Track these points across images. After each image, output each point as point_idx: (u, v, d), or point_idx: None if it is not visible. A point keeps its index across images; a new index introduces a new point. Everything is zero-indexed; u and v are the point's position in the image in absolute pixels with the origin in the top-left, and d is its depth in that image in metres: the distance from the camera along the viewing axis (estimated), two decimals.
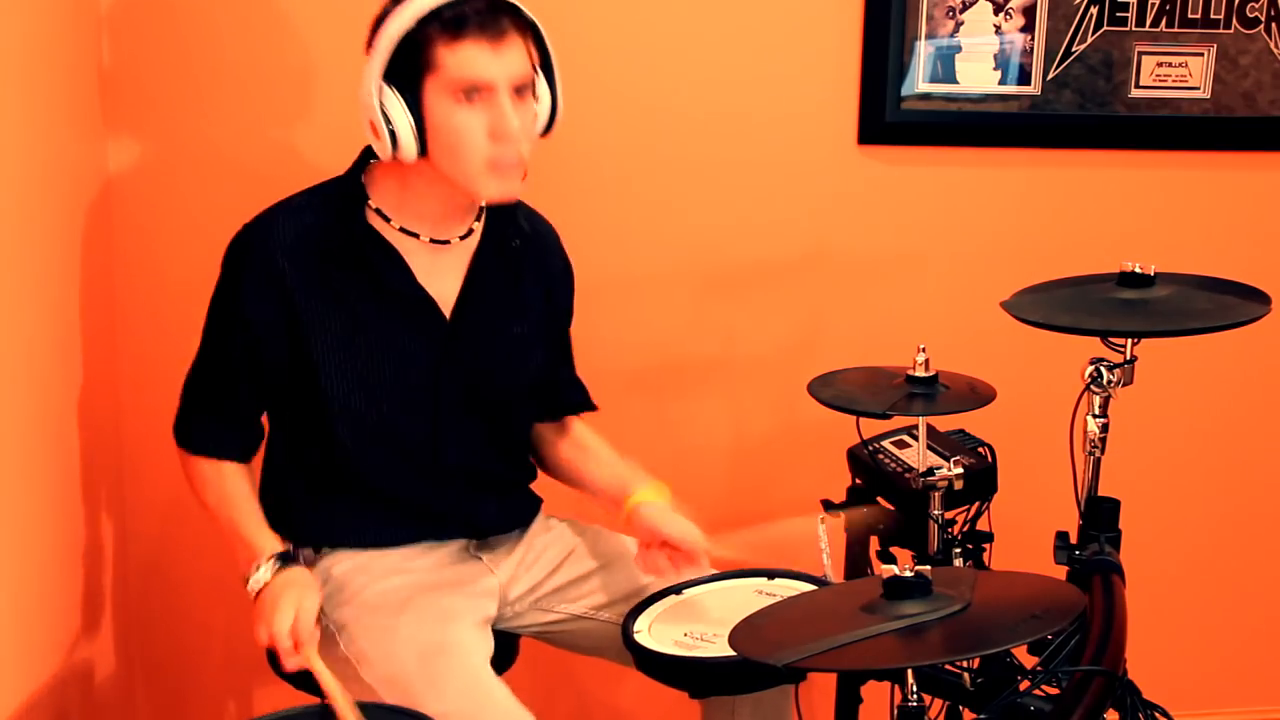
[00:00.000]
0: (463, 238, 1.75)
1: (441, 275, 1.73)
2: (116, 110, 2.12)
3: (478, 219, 1.78)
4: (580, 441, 1.94)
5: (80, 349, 1.95)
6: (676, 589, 1.75)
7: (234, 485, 1.76)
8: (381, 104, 1.59)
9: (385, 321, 1.71)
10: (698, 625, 1.65)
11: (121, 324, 2.18)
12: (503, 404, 1.82)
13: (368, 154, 1.72)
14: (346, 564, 1.76)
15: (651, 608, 1.71)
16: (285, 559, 1.66)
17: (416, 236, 1.71)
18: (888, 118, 2.29)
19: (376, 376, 1.71)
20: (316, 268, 1.68)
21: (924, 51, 2.28)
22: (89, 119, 2.07)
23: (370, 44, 1.62)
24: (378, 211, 1.71)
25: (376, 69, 1.59)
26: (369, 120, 1.61)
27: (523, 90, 1.63)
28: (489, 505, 1.84)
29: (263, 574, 1.63)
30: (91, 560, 2.05)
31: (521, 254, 1.79)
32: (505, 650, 1.83)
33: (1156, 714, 1.47)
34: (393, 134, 1.60)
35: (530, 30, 1.64)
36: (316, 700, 1.62)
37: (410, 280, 1.70)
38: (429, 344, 1.73)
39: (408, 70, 1.59)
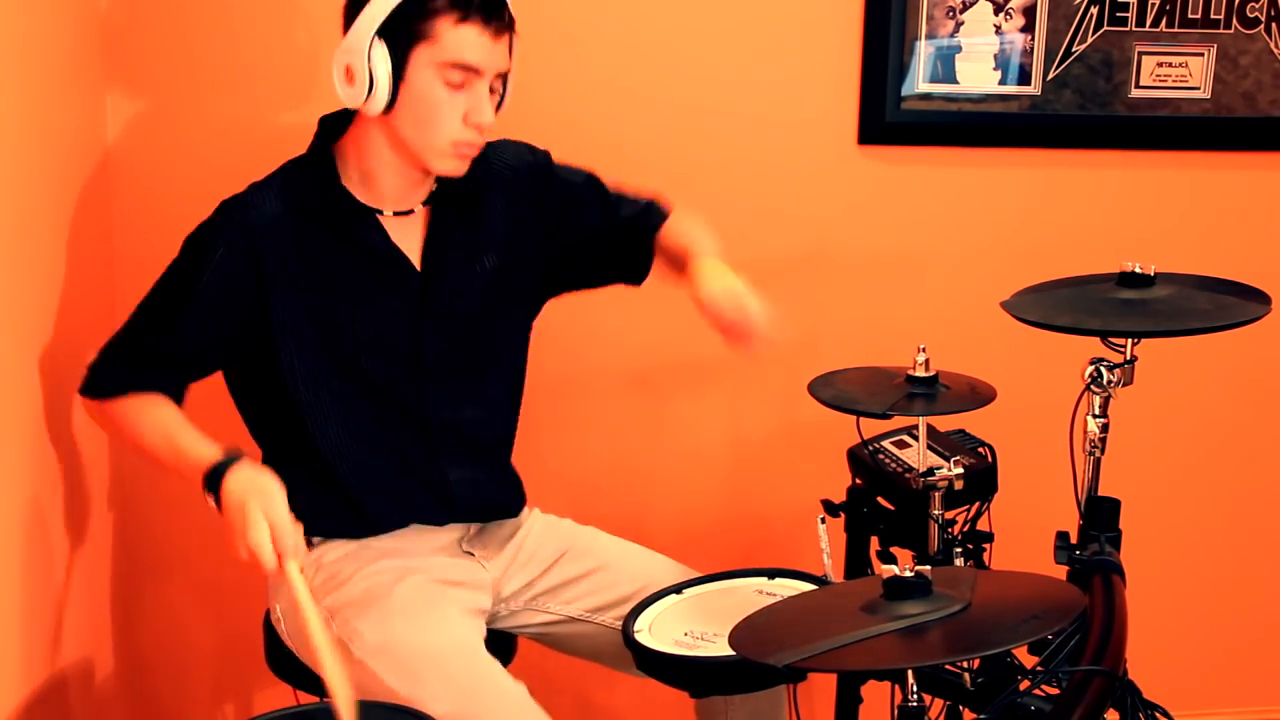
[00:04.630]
0: (424, 204, 1.78)
1: (407, 236, 1.76)
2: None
3: (437, 181, 1.79)
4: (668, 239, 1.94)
5: (80, 345, 1.95)
6: (677, 589, 1.75)
7: (165, 410, 1.71)
8: (370, 52, 1.61)
9: (362, 284, 1.73)
10: (698, 625, 1.65)
11: (121, 318, 2.17)
12: (487, 352, 1.82)
13: (326, 131, 1.75)
14: (337, 552, 1.77)
15: (652, 607, 1.71)
16: (229, 462, 1.58)
17: (380, 213, 1.74)
18: (888, 118, 2.29)
19: (357, 340, 1.73)
20: (291, 238, 1.69)
21: (924, 51, 2.28)
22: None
23: None
24: (343, 188, 1.74)
25: (374, 20, 1.61)
26: (345, 64, 1.64)
27: (496, 84, 1.68)
28: (478, 477, 1.84)
29: (212, 485, 1.57)
30: (91, 560, 2.05)
31: (475, 185, 1.78)
32: (502, 650, 1.82)
33: (1156, 714, 1.47)
34: (371, 83, 1.62)
35: (513, 29, 1.69)
36: (316, 700, 1.62)
37: (384, 238, 1.73)
38: (406, 301, 1.75)
39: (403, 33, 1.62)
